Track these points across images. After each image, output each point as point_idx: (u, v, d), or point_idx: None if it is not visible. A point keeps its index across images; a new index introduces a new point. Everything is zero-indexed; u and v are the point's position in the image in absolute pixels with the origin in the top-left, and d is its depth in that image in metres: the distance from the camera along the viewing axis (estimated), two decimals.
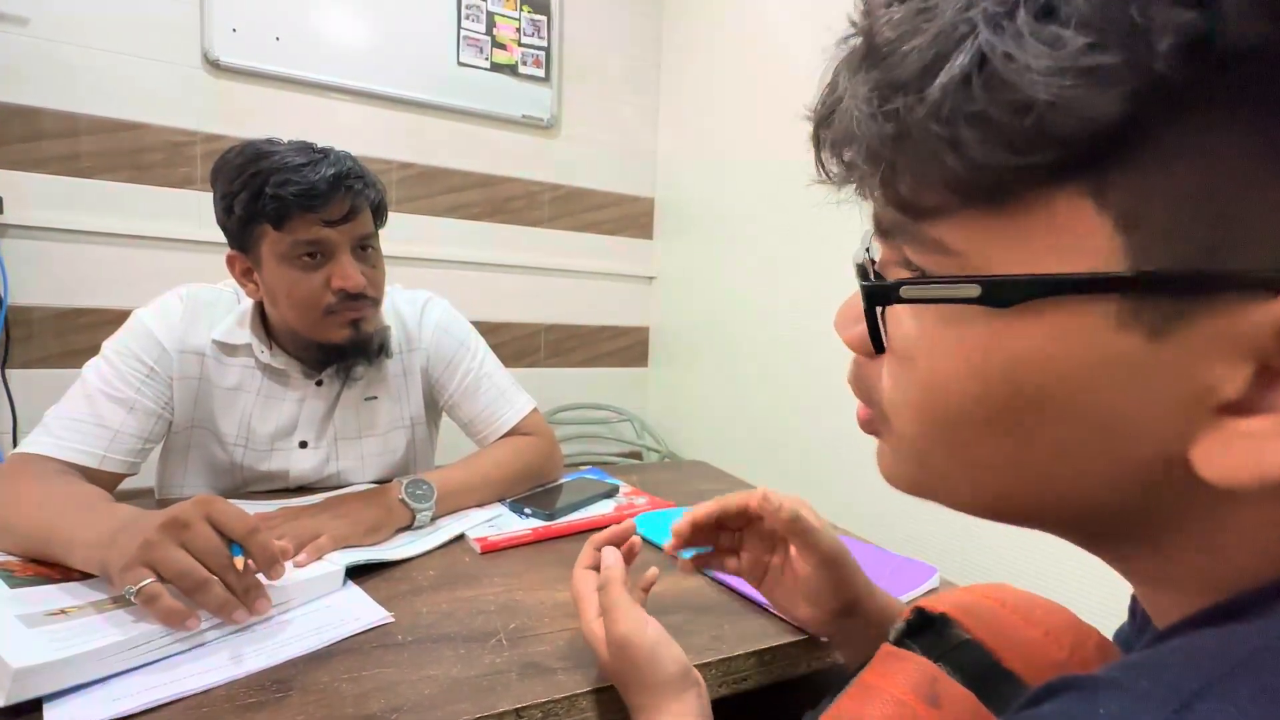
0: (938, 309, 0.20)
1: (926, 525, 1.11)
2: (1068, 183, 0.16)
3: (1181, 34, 0.14)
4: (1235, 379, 0.16)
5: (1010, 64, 0.15)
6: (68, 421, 0.70)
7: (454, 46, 1.72)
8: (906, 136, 0.18)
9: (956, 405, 0.20)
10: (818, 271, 1.36)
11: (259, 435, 0.83)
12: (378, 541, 0.68)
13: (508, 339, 1.88)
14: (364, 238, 0.78)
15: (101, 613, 0.48)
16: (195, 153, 1.47)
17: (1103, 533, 0.21)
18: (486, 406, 0.91)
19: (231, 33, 1.47)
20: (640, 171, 2.04)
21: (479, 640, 0.51)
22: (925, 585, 0.65)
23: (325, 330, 0.78)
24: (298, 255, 0.74)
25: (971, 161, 0.17)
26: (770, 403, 1.54)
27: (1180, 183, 0.15)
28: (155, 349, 0.77)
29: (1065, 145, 0.16)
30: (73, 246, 1.39)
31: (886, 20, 0.18)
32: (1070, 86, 0.15)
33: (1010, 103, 0.16)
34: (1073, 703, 0.17)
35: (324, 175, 0.72)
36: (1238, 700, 0.14)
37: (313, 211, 0.72)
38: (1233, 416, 0.16)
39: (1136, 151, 0.15)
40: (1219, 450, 0.16)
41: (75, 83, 1.36)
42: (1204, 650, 0.16)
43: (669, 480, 0.99)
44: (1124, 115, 0.15)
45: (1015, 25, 0.15)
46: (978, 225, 0.18)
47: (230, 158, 0.75)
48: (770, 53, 1.53)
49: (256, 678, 0.45)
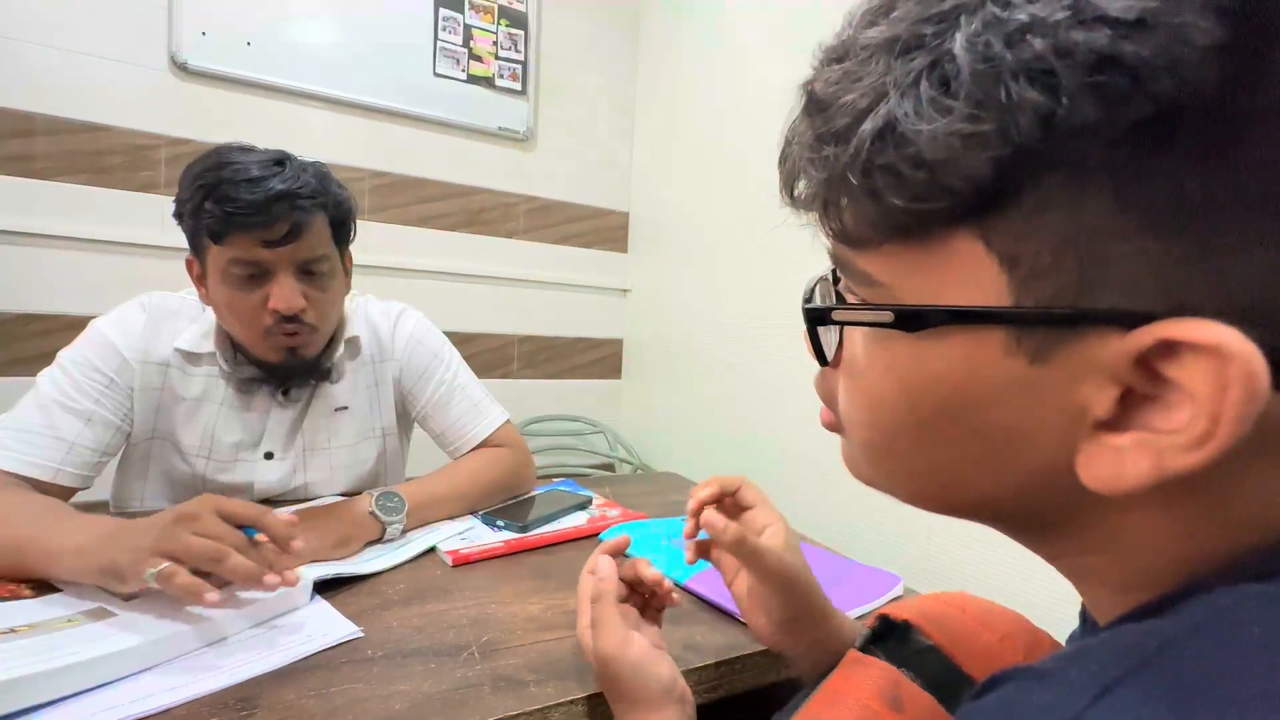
0: (875, 331, 0.23)
1: (890, 535, 1.13)
2: (962, 226, 0.19)
3: (1034, 111, 0.16)
4: (1104, 400, 0.18)
5: (911, 125, 0.18)
6: (19, 433, 0.67)
7: (430, 57, 1.72)
8: (836, 180, 0.21)
9: (891, 417, 0.23)
10: (788, 286, 1.39)
11: (222, 446, 0.81)
12: (346, 555, 0.66)
13: (481, 350, 1.86)
14: (309, 261, 0.74)
15: (54, 632, 0.46)
16: (159, 157, 1.44)
17: (1027, 531, 0.24)
18: (459, 418, 0.91)
19: (201, 36, 1.45)
20: (615, 186, 2.05)
21: (450, 654, 0.51)
22: (889, 594, 0.67)
23: (264, 350, 0.76)
24: (236, 273, 0.71)
25: (884, 204, 0.20)
26: (741, 415, 1.56)
27: (1050, 230, 0.18)
28: (115, 359, 0.74)
29: (953, 194, 0.18)
30: (24, 250, 1.34)
31: (825, 77, 0.21)
32: (955, 147, 0.18)
33: (910, 157, 0.18)
34: (1011, 692, 0.19)
35: (269, 192, 0.68)
36: (1148, 686, 0.16)
37: (249, 231, 0.69)
38: (1106, 432, 0.19)
39: (1012, 202, 0.18)
40: (1092, 461, 0.19)
41: (33, 82, 1.32)
42: (1125, 643, 0.18)
43: (641, 492, 1.00)
44: (996, 172, 0.18)
45: (918, 93, 0.18)
46: (897, 258, 0.21)
47: (193, 163, 0.73)
48: (743, 71, 1.57)
49: (219, 696, 0.44)
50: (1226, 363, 0.16)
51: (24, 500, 0.61)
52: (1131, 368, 0.18)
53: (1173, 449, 0.17)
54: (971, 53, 0.17)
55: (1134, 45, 0.15)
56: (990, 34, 0.17)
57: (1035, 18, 0.16)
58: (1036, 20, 0.16)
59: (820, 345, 0.26)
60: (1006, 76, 0.17)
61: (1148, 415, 0.18)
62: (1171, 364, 0.17)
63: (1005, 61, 0.17)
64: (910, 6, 0.19)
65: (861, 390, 0.24)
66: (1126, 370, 0.18)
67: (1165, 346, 0.17)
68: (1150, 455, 0.18)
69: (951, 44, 0.18)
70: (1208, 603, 0.18)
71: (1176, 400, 0.17)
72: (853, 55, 0.20)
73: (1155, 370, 0.17)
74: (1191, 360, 0.17)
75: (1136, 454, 0.18)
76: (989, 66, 0.17)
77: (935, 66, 0.18)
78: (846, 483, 0.29)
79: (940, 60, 0.18)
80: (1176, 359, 0.17)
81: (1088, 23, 0.16)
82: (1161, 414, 0.18)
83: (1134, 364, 0.17)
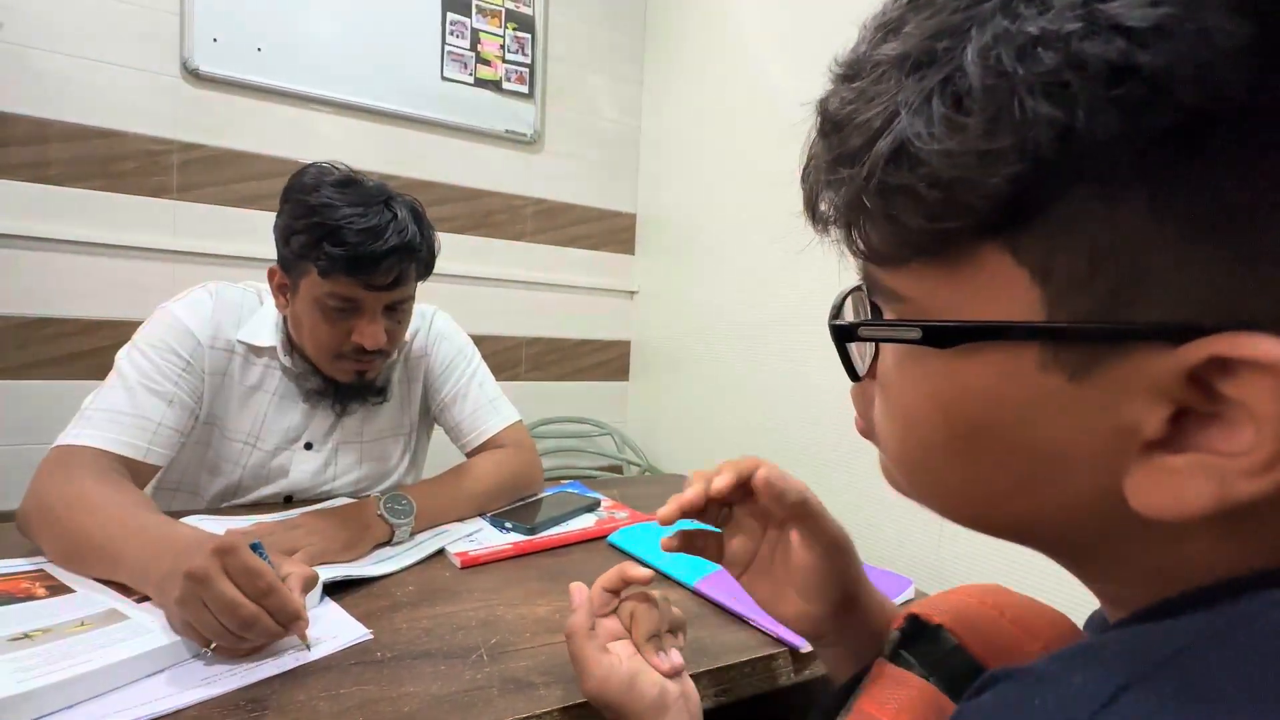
0: (906, 348, 0.22)
1: (901, 537, 1.12)
2: (987, 240, 0.19)
3: (1050, 125, 0.16)
4: (1153, 419, 0.17)
5: (925, 145, 0.18)
6: (110, 414, 0.69)
7: (438, 61, 1.73)
8: (854, 200, 0.20)
9: (923, 433, 0.23)
10: (796, 287, 1.38)
11: (269, 434, 0.83)
12: (356, 557, 0.67)
13: (489, 352, 1.85)
14: (399, 302, 0.78)
15: (67, 637, 0.47)
16: (171, 162, 1.45)
17: (1062, 550, 0.23)
18: (473, 413, 0.92)
19: (212, 42, 1.46)
20: (622, 187, 2.05)
21: (459, 656, 0.51)
22: (901, 597, 0.66)
23: (332, 369, 0.80)
24: (329, 305, 0.74)
25: (902, 225, 0.19)
26: (749, 416, 1.55)
27: (1084, 242, 0.17)
28: (190, 342, 0.77)
29: (973, 212, 0.18)
30: (39, 254, 1.35)
31: (840, 95, 0.21)
32: (971, 166, 0.17)
33: (925, 177, 0.18)
34: (1010, 692, 0.18)
35: (385, 246, 0.71)
36: (1160, 695, 0.15)
37: (358, 276, 0.72)
38: (1160, 453, 0.17)
39: (1038, 215, 0.17)
40: (1145, 485, 0.18)
41: (47, 89, 1.34)
42: (1135, 646, 0.17)
43: (649, 494, 0.99)
44: (1016, 189, 0.17)
45: (930, 112, 0.18)
46: (924, 274, 0.20)
47: (302, 193, 0.73)
48: (750, 72, 1.57)
49: (230, 697, 0.44)
50: None
51: (114, 498, 0.62)
52: (1184, 384, 0.16)
53: (1238, 473, 0.16)
54: (983, 68, 0.17)
55: (1151, 54, 0.15)
56: (1001, 47, 0.16)
57: (1046, 30, 0.16)
58: (1047, 32, 0.16)
59: (850, 361, 0.26)
60: (1021, 91, 0.16)
61: (1208, 436, 0.17)
62: (1229, 381, 0.16)
63: (1018, 75, 0.16)
64: (922, 21, 0.19)
65: (895, 404, 0.24)
66: (1178, 387, 0.17)
67: (1220, 362, 0.16)
68: (1213, 479, 0.16)
69: (963, 59, 0.17)
70: (1232, 609, 0.17)
71: (1239, 419, 0.16)
72: (865, 73, 0.20)
73: (1212, 387, 0.16)
74: (1251, 377, 0.15)
75: (1196, 477, 0.17)
76: (1001, 81, 0.16)
77: (947, 83, 0.17)
78: (856, 484, 0.29)
79: (952, 76, 0.17)
80: (1234, 376, 0.16)
81: (1102, 33, 0.15)
82: (1224, 434, 0.16)
83: (1186, 381, 0.16)
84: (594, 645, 0.43)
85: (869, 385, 0.26)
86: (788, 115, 0.24)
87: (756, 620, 0.58)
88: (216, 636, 0.47)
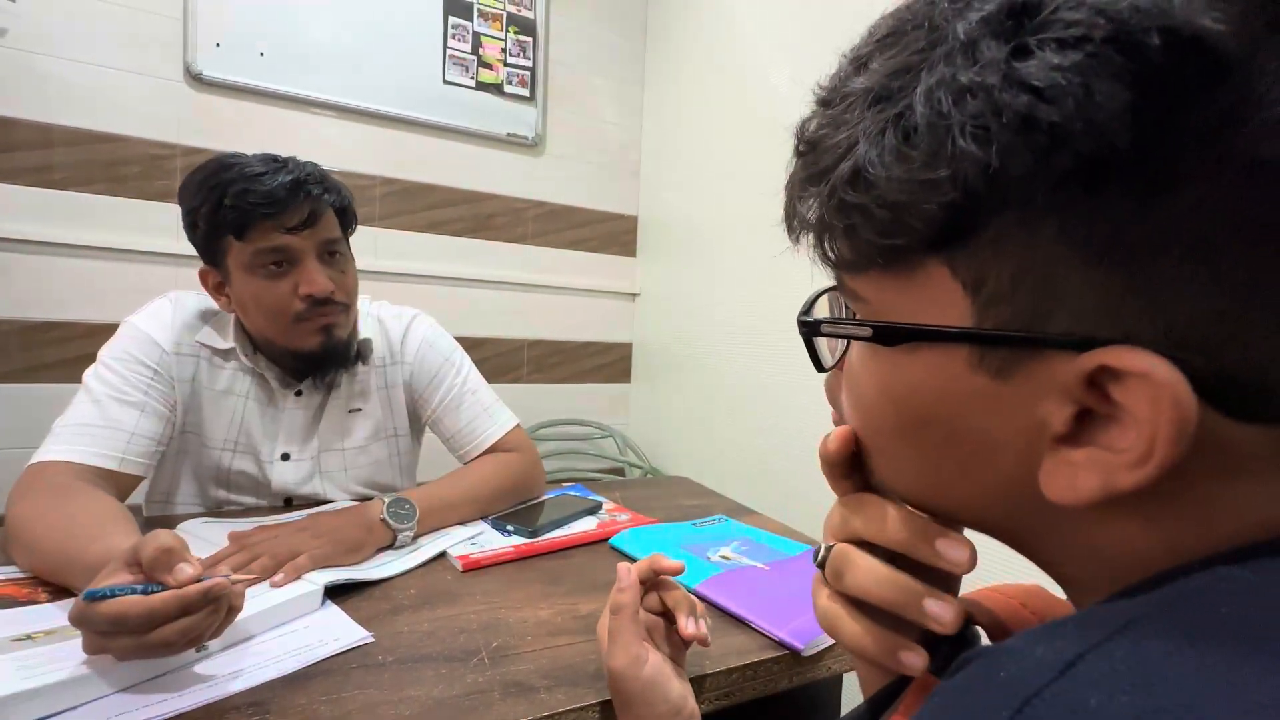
0: (867, 345, 0.25)
1: None
2: (931, 254, 0.21)
3: (976, 163, 0.18)
4: (1060, 417, 0.20)
5: (877, 171, 0.21)
6: (78, 428, 0.69)
7: (440, 65, 1.73)
8: (821, 215, 0.23)
9: (878, 422, 0.26)
10: (796, 289, 1.38)
11: (248, 439, 0.83)
12: (358, 561, 0.67)
13: (490, 355, 1.87)
14: (329, 243, 0.78)
15: (70, 639, 0.47)
16: (175, 166, 1.46)
17: (1015, 539, 0.25)
18: (469, 422, 0.91)
19: (215, 47, 1.47)
20: (624, 190, 2.06)
21: (461, 660, 0.51)
22: None
23: (297, 338, 0.78)
24: (262, 264, 0.74)
25: (859, 237, 0.22)
26: (751, 418, 1.55)
27: (1007, 261, 0.20)
28: (155, 351, 0.76)
29: (916, 232, 0.21)
30: (43, 258, 1.36)
31: (814, 123, 0.24)
32: (914, 191, 0.20)
33: (877, 199, 0.21)
34: (980, 668, 0.19)
35: (281, 182, 0.72)
36: (1113, 659, 0.16)
37: (272, 219, 0.72)
38: (1065, 447, 0.20)
39: (972, 236, 0.20)
40: (1051, 473, 0.20)
41: (51, 94, 1.34)
42: (1092, 619, 0.19)
43: (651, 496, 0.99)
44: (950, 214, 0.20)
45: (884, 143, 0.20)
46: (881, 281, 0.23)
47: (194, 174, 0.75)
48: (751, 75, 1.57)
49: (231, 700, 0.44)
50: (1159, 389, 0.18)
51: (82, 508, 0.61)
52: (1084, 388, 0.19)
53: (1119, 466, 0.19)
54: (928, 107, 0.19)
55: (1047, 109, 0.17)
56: (942, 91, 0.19)
57: (974, 80, 0.18)
58: (974, 82, 0.18)
59: (815, 353, 0.29)
60: (955, 130, 0.19)
61: (1104, 434, 0.19)
62: (1118, 388, 0.19)
63: (953, 117, 0.19)
64: (885, 60, 0.21)
65: (855, 394, 0.27)
66: (1079, 390, 0.19)
67: (1110, 371, 0.18)
68: (1100, 472, 0.19)
69: (913, 97, 0.20)
70: (1180, 585, 0.19)
71: (1125, 421, 0.19)
72: (837, 102, 0.23)
73: (1107, 392, 0.19)
74: (1133, 385, 0.18)
75: (1088, 470, 0.19)
76: (940, 120, 0.19)
77: (900, 118, 0.20)
78: None
79: (904, 112, 0.20)
80: (1121, 383, 0.18)
81: (1014, 87, 0.18)
82: (1116, 433, 0.19)
83: (1086, 385, 0.19)
84: (637, 626, 0.45)
85: (837, 378, 0.29)
86: (789, 118, 0.26)
87: (757, 623, 0.58)
88: (130, 655, 0.44)
